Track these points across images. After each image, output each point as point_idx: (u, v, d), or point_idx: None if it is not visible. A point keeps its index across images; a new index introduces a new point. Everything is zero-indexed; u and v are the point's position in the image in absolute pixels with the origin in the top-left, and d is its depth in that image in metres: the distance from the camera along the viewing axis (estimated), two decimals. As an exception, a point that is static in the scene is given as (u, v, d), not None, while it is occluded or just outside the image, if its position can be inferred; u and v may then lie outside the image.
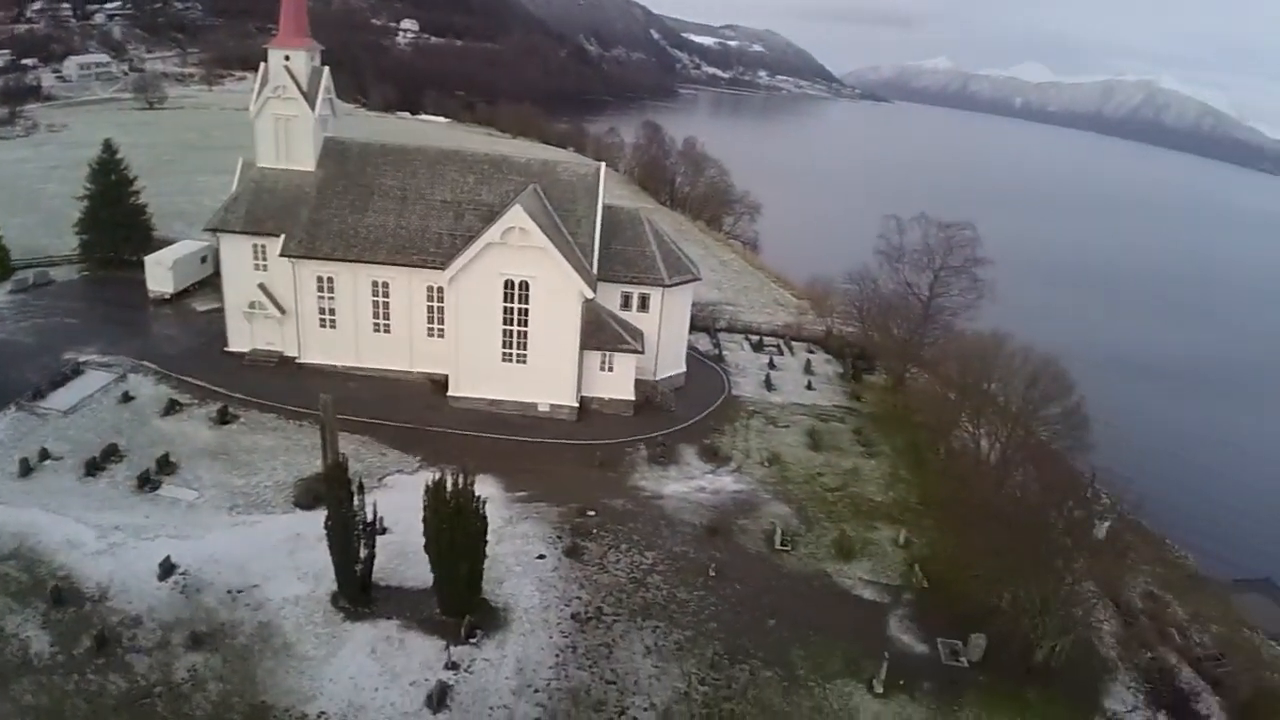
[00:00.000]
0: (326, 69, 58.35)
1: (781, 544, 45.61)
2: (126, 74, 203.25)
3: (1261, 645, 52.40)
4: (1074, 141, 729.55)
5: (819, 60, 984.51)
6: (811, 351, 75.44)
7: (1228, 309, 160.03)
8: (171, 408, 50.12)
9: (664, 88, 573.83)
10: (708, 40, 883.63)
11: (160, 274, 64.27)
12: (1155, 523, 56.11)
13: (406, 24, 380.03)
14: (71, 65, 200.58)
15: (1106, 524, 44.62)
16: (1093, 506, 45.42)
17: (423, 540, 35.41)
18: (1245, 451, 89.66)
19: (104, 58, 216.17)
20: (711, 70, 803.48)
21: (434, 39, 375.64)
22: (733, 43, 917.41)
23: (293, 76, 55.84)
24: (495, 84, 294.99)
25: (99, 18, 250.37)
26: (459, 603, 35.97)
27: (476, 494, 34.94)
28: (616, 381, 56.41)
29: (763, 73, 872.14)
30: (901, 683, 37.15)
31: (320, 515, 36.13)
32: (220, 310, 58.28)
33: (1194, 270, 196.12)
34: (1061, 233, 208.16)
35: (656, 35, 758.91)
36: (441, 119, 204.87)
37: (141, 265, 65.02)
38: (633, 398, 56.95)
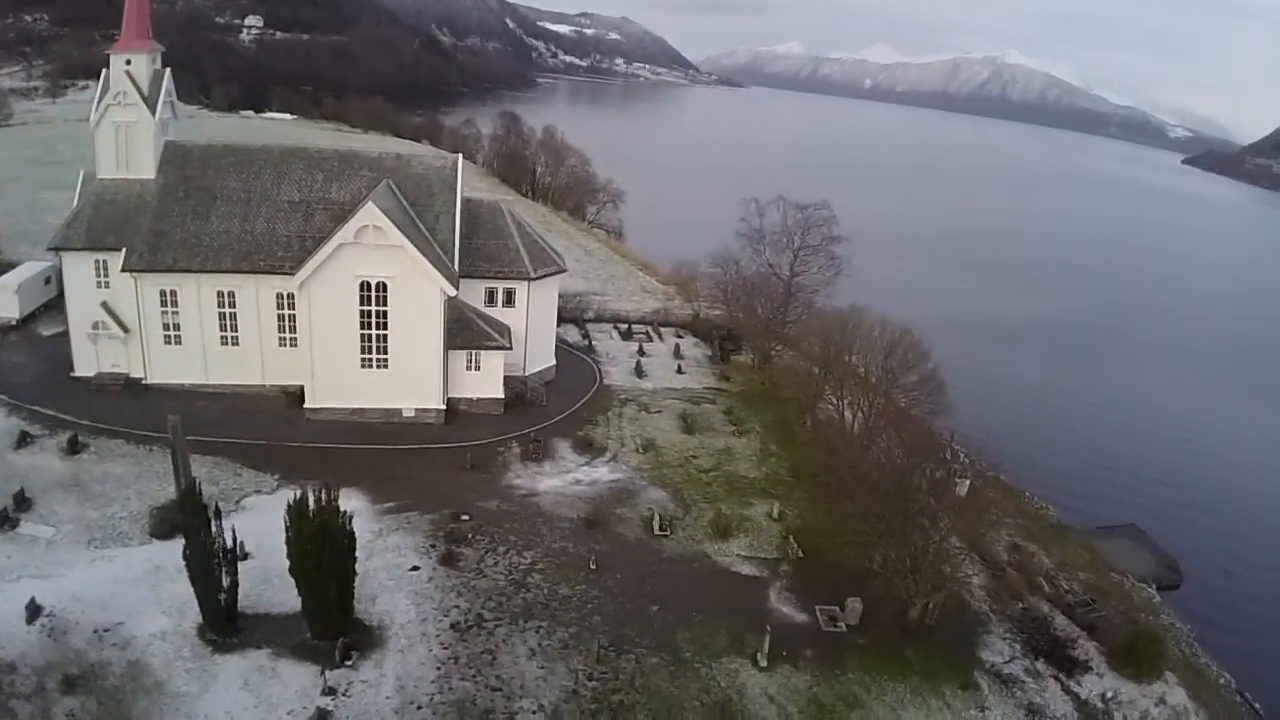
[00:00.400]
0: (168, 70, 54.96)
1: (660, 529, 45.86)
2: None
3: (1132, 589, 55.44)
4: (918, 119, 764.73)
5: (675, 47, 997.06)
6: (680, 336, 76.28)
7: (1070, 270, 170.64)
8: (23, 440, 46.88)
9: (521, 77, 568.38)
10: (564, 29, 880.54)
11: (5, 299, 59.69)
12: (1013, 478, 58.52)
13: (251, 20, 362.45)
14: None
15: (967, 482, 46.83)
16: (952, 466, 47.39)
17: (287, 563, 33.79)
18: (1094, 405, 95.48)
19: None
20: (569, 59, 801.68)
21: (280, 34, 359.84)
22: (589, 31, 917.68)
23: (134, 81, 52.41)
24: (344, 78, 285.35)
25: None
26: (331, 625, 34.50)
27: (341, 509, 33.53)
28: (485, 380, 55.31)
29: (620, 60, 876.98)
30: (785, 653, 38.05)
31: (178, 544, 34.28)
32: (66, 333, 54.35)
33: (1036, 235, 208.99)
34: (907, 206, 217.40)
35: (511, 24, 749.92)
36: (287, 116, 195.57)
37: None
38: (502, 395, 56.03)
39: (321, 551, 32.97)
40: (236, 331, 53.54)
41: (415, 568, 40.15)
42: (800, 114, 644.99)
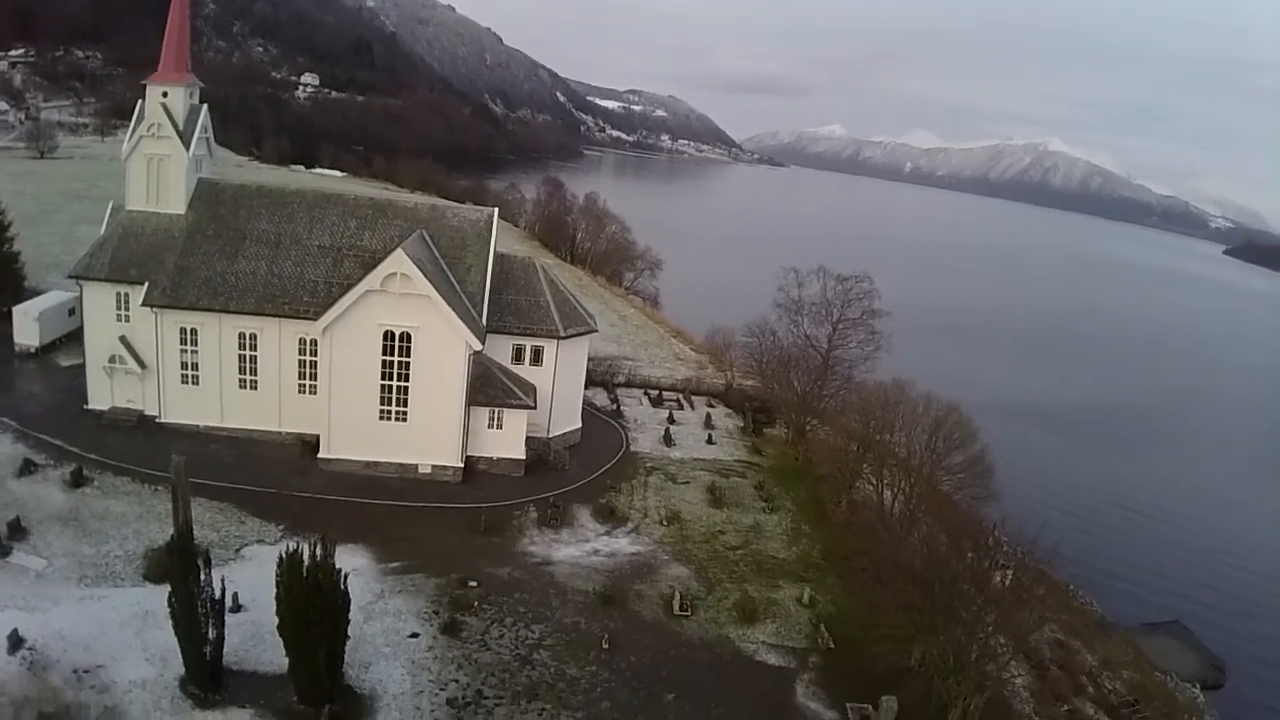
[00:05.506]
0: (205, 107, 54.67)
1: (681, 609, 42.84)
2: (22, 123, 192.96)
3: (1176, 688, 53.52)
4: (959, 203, 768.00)
5: (719, 125, 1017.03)
6: (712, 405, 73.85)
7: (1113, 358, 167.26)
8: (27, 468, 45.60)
9: (569, 148, 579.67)
10: (612, 104, 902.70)
11: (27, 326, 59.14)
12: (1057, 571, 55.88)
13: (307, 78, 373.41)
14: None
15: (1009, 574, 43.61)
16: (995, 557, 44.35)
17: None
18: (1136, 496, 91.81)
19: (1, 105, 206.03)
20: (616, 133, 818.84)
21: (335, 94, 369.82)
22: (637, 107, 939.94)
23: (169, 114, 51.98)
24: (396, 140, 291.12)
25: (1, 65, 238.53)
26: (318, 690, 31.89)
27: (337, 567, 31.24)
28: (506, 439, 53.20)
29: (665, 137, 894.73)
30: (810, 757, 34.69)
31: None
32: (84, 366, 53.37)
33: (1080, 321, 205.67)
34: (948, 288, 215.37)
35: (562, 98, 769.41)
36: (337, 173, 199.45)
37: (9, 317, 59.78)
38: (523, 456, 53.78)
39: (313, 611, 30.62)
40: (256, 375, 52.09)
41: (415, 635, 37.54)
42: (841, 194, 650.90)
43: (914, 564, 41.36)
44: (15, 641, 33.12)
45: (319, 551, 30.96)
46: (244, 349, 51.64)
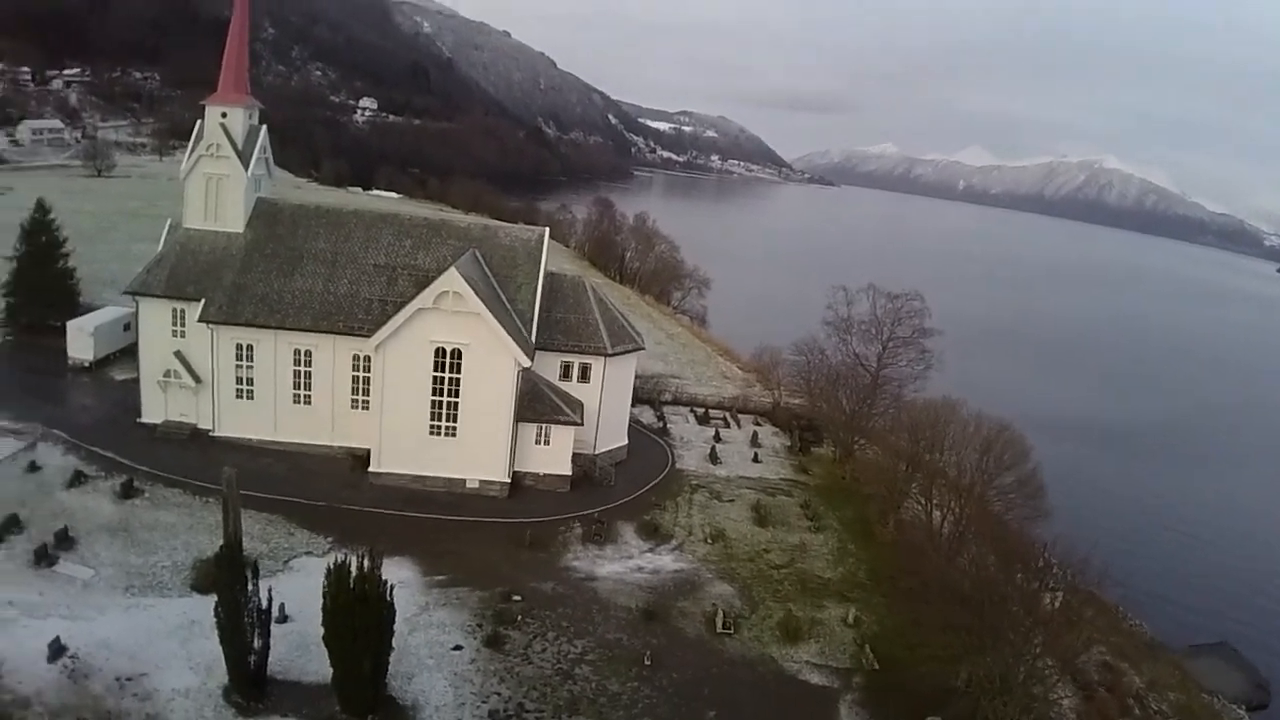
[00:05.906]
0: (264, 128, 56.11)
1: (724, 627, 42.58)
2: (79, 141, 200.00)
3: (1222, 709, 52.56)
4: (1014, 221, 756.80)
5: (769, 145, 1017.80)
6: (758, 424, 73.49)
7: (1166, 375, 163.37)
8: (77, 479, 46.79)
9: (620, 169, 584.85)
10: (663, 125, 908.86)
11: (81, 340, 61.02)
12: (1107, 592, 54.61)
13: (365, 102, 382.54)
14: (25, 130, 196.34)
15: (1059, 595, 42.73)
16: (1046, 578, 43.44)
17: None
18: (1187, 515, 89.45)
19: (57, 124, 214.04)
20: (666, 154, 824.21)
21: (392, 117, 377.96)
22: (687, 128, 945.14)
23: (228, 134, 53.51)
24: (451, 162, 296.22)
25: (57, 84, 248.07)
26: (361, 701, 32.35)
27: (384, 578, 31.67)
28: (553, 455, 53.59)
29: (715, 157, 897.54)
30: (854, 780, 34.20)
31: (217, 600, 32.82)
32: (138, 380, 54.82)
33: (1134, 340, 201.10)
34: (1004, 307, 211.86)
35: (614, 120, 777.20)
36: (393, 194, 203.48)
37: (65, 331, 61.71)
38: (569, 472, 54.11)
39: (358, 621, 31.07)
40: (310, 390, 53.19)
41: (458, 647, 37.85)
42: (892, 212, 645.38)
43: (962, 584, 40.75)
44: (56, 650, 33.50)
45: (366, 563, 31.40)
46: (299, 365, 52.80)
